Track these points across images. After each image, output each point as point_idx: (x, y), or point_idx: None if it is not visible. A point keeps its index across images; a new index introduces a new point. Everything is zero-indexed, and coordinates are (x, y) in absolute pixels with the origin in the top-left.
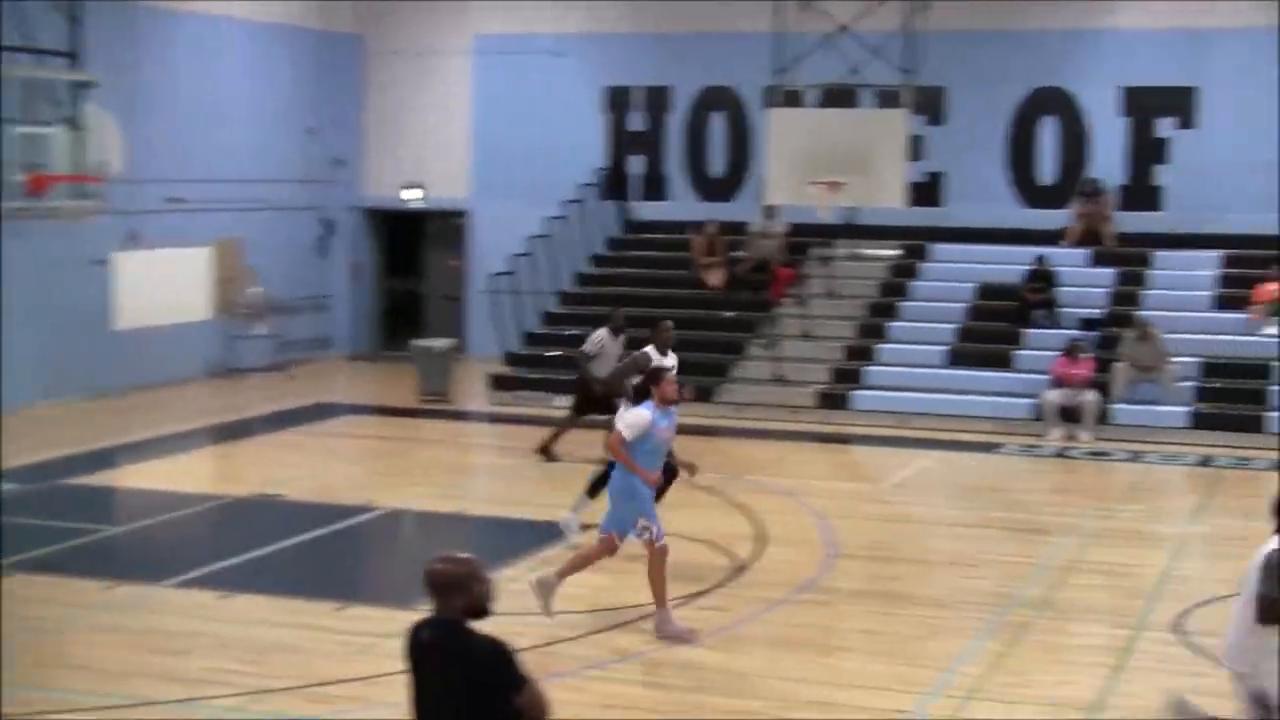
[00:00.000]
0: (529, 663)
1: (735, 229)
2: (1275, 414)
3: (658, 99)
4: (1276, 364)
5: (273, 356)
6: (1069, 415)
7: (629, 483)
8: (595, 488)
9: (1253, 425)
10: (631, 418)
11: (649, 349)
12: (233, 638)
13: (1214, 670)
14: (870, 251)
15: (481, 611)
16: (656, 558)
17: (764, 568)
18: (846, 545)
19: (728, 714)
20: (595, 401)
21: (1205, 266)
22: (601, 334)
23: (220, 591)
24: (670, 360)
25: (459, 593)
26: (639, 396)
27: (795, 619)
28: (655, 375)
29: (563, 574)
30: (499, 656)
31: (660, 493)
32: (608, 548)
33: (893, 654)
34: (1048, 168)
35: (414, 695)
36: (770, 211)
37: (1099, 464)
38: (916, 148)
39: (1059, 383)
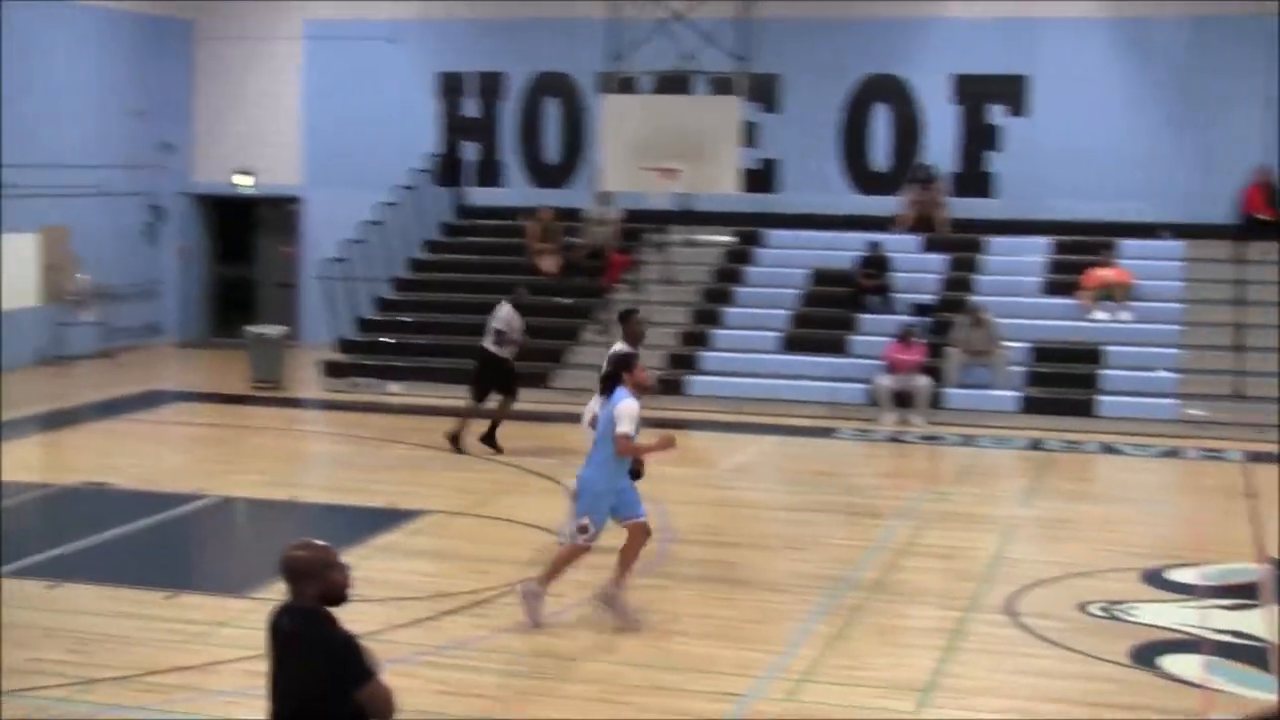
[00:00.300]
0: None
1: (570, 215)
2: (1105, 398)
3: (491, 85)
4: (1106, 348)
5: (101, 343)
6: (902, 400)
7: (618, 473)
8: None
9: (1083, 409)
10: (628, 414)
11: (619, 345)
12: (60, 628)
13: (1044, 651)
14: (705, 238)
15: (338, 598)
16: (577, 551)
17: (598, 552)
18: (681, 530)
19: (562, 698)
20: (497, 382)
21: (1036, 252)
22: (507, 309)
23: (48, 581)
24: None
25: (312, 580)
26: (609, 385)
27: (630, 603)
28: (629, 362)
29: (617, 581)
30: (345, 649)
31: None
32: (641, 530)
33: (728, 637)
34: (881, 155)
35: (270, 680)
36: (605, 198)
37: (932, 448)
38: (750, 134)
39: (892, 368)
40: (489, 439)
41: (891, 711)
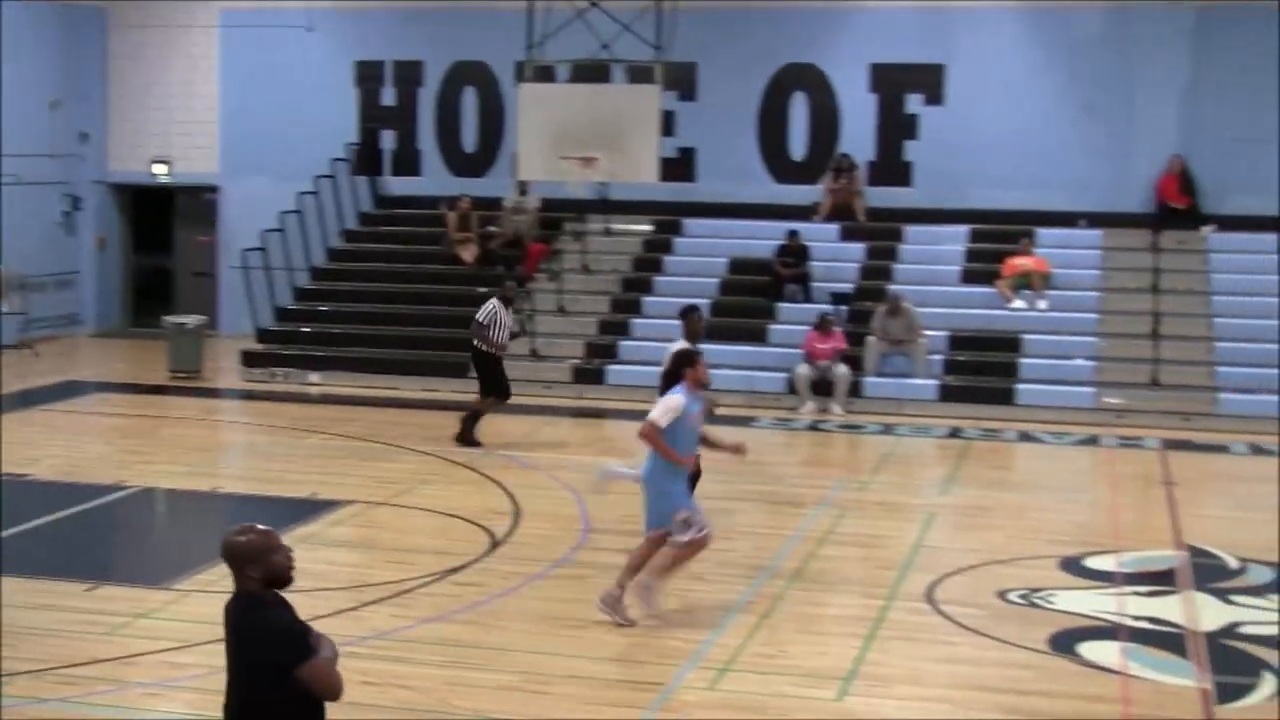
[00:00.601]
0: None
1: (488, 204)
2: (1023, 386)
3: (409, 74)
4: (1024, 337)
5: (18, 334)
6: (821, 389)
7: (664, 475)
8: None
9: (1001, 397)
10: (665, 403)
11: (680, 343)
12: None
13: (963, 639)
14: (623, 227)
15: (282, 580)
16: (690, 547)
17: (520, 542)
18: (602, 519)
19: (485, 689)
20: (498, 375)
21: (954, 241)
22: (493, 304)
23: None
24: None
25: (254, 564)
26: (669, 381)
27: (551, 593)
28: (690, 359)
29: (621, 583)
30: (284, 631)
31: (692, 483)
32: (656, 544)
33: (649, 626)
34: (799, 143)
35: (227, 667)
36: (523, 187)
37: (851, 437)
38: (669, 123)
39: (810, 357)
40: (464, 436)
41: (813, 699)
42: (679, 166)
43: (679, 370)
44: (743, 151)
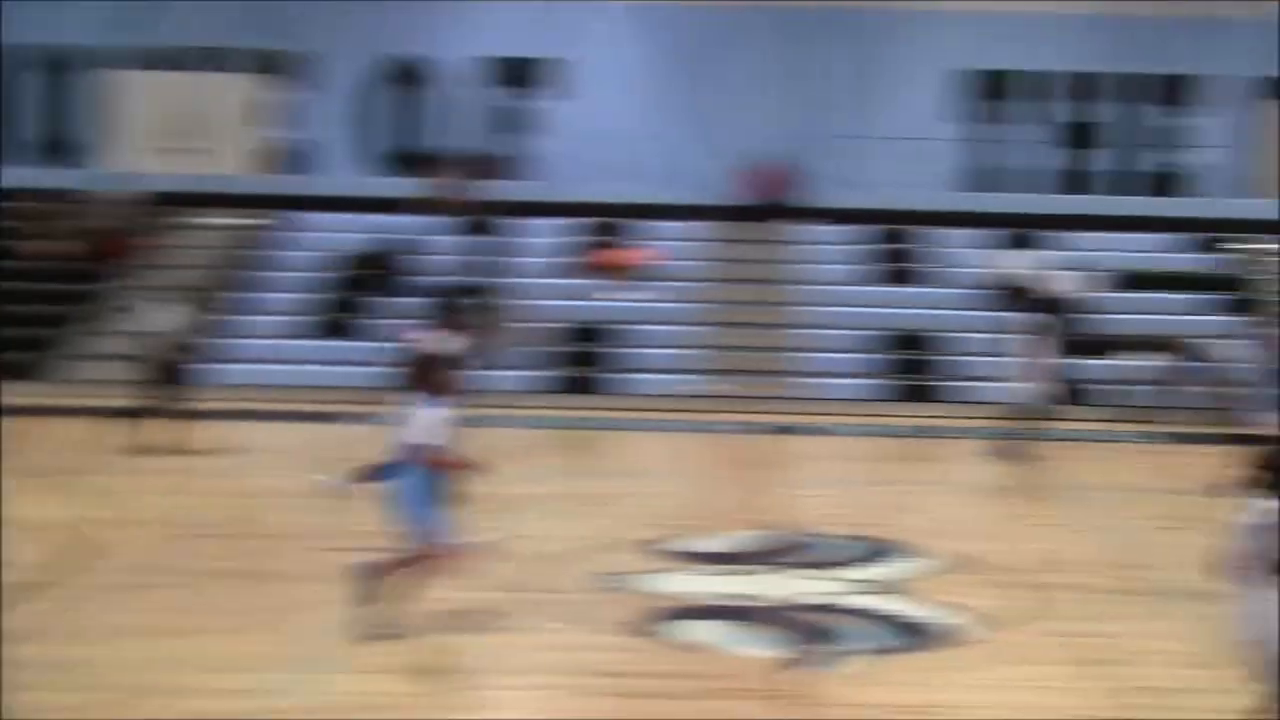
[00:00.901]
0: None
1: (81, 197)
2: (632, 376)
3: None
4: (631, 327)
5: None
6: None
7: (417, 483)
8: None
9: (609, 387)
10: (419, 413)
11: (440, 344)
12: None
13: (562, 626)
14: (226, 220)
15: None
16: (436, 563)
17: (109, 550)
18: (201, 523)
19: (70, 712)
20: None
21: (564, 234)
22: (163, 310)
23: None
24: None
25: None
26: (416, 385)
27: (146, 603)
28: (435, 363)
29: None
30: None
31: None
32: (422, 553)
33: (255, 630)
34: (415, 136)
35: None
36: (120, 179)
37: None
38: (277, 114)
39: (417, 352)
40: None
41: (410, 696)
42: (288, 158)
43: (425, 376)
44: (357, 144)
